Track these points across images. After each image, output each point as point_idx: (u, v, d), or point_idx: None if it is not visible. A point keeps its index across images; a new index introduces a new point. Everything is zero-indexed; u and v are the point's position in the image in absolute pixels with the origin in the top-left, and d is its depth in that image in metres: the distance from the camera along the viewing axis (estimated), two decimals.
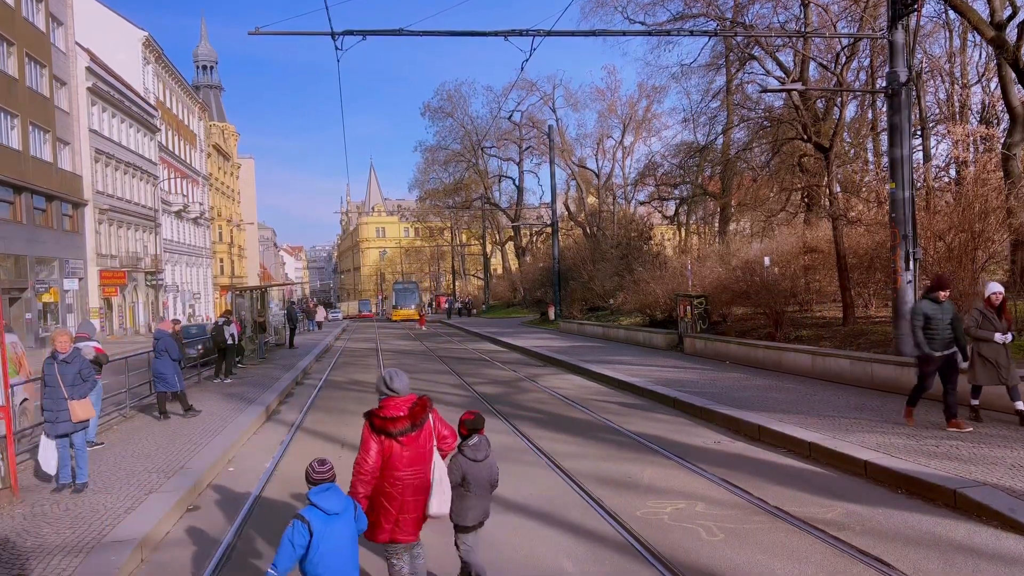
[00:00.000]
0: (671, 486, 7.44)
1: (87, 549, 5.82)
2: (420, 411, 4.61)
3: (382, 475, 4.48)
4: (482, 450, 4.91)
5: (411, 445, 4.49)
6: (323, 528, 3.92)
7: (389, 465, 4.47)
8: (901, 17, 11.55)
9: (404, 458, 4.47)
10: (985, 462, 7.21)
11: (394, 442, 4.47)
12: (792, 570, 5.18)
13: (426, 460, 4.57)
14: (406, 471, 4.48)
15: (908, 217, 11.57)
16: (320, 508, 3.98)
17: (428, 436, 4.62)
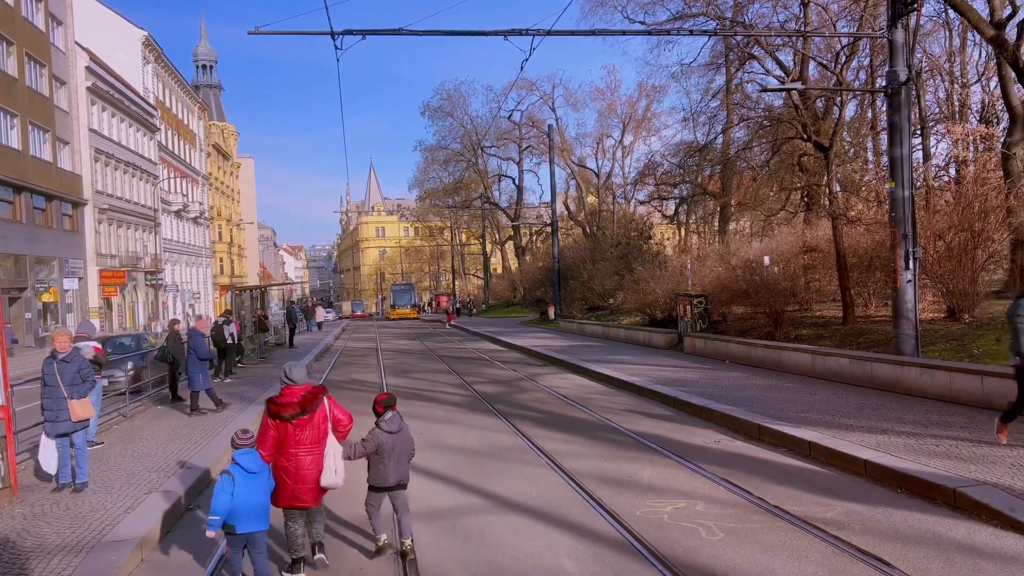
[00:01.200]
0: (671, 485, 7.44)
1: (87, 549, 5.82)
2: (311, 399, 5.38)
3: (280, 452, 5.30)
4: (395, 423, 5.77)
5: (304, 427, 5.32)
6: (243, 481, 4.97)
7: (285, 443, 5.30)
8: (901, 16, 11.55)
9: (298, 438, 5.31)
10: (985, 461, 7.22)
11: (288, 424, 5.28)
12: (792, 569, 5.18)
13: (320, 440, 5.41)
14: (300, 449, 5.31)
15: (908, 216, 11.57)
16: (241, 466, 5.01)
17: (323, 419, 5.43)
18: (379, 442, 5.68)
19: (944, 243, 13.81)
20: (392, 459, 5.70)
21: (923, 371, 10.66)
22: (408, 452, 5.90)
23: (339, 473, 5.48)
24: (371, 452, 5.69)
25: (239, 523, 4.97)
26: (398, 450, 5.75)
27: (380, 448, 5.69)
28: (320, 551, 5.60)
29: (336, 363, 22.61)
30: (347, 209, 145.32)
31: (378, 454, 5.70)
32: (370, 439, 5.69)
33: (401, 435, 5.80)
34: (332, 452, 5.47)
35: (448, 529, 6.37)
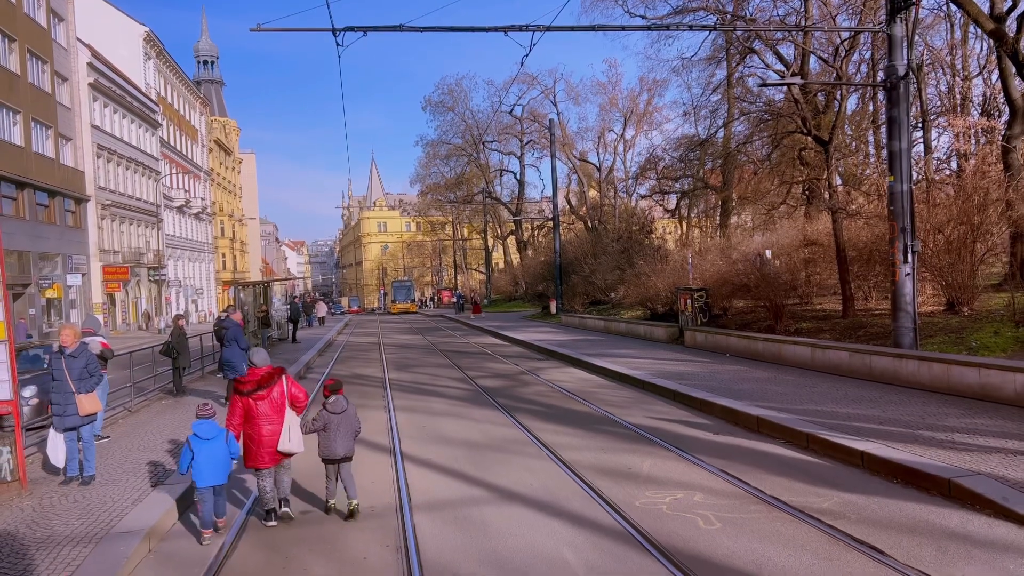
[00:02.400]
0: (670, 477, 7.54)
1: (96, 540, 5.93)
2: (268, 378, 6.50)
3: (247, 422, 6.44)
4: (340, 405, 6.66)
5: (264, 401, 6.43)
6: (199, 446, 6.18)
7: (249, 415, 6.43)
8: (900, 11, 11.58)
9: (259, 411, 6.41)
10: (980, 452, 7.30)
11: (250, 399, 6.41)
12: (788, 558, 5.28)
13: (279, 412, 6.47)
14: (262, 420, 6.40)
15: (906, 210, 11.62)
16: (196, 435, 6.22)
17: (280, 395, 6.52)
18: (325, 421, 6.60)
19: (943, 236, 13.87)
20: (338, 435, 6.56)
21: (921, 363, 10.74)
22: (352, 429, 6.71)
23: (294, 441, 6.49)
24: (319, 429, 6.59)
25: (200, 479, 6.12)
26: (343, 428, 6.60)
27: (327, 426, 6.57)
28: (285, 506, 6.59)
29: (339, 358, 22.71)
30: (349, 204, 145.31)
31: (325, 431, 6.57)
32: (318, 418, 6.62)
33: (345, 415, 6.64)
34: (289, 423, 6.49)
35: (450, 520, 6.47)
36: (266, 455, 6.42)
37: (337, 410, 6.63)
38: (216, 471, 6.21)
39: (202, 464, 6.14)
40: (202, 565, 5.61)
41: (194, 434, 6.24)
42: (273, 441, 6.41)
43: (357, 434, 6.80)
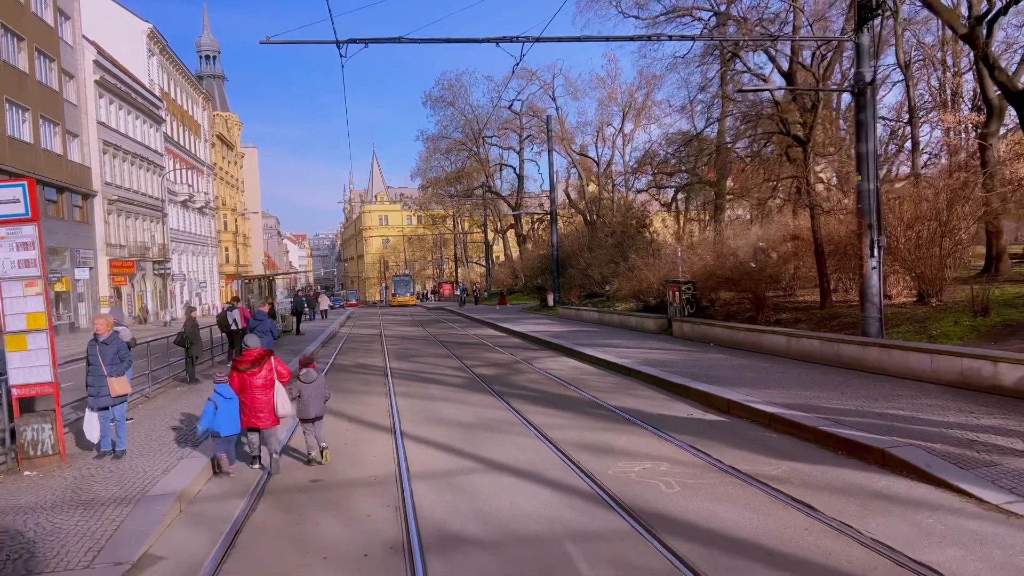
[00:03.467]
0: (642, 451, 8.39)
1: (134, 501, 6.80)
2: (260, 358, 8.11)
3: (242, 392, 7.99)
4: (310, 376, 8.38)
5: (257, 375, 8.01)
6: (222, 404, 7.80)
7: (245, 387, 8.00)
8: (866, 21, 12.36)
9: (252, 384, 7.99)
10: (919, 427, 8.14)
11: (245, 375, 7.99)
12: (733, 514, 6.13)
13: (268, 386, 8.06)
14: (255, 391, 7.98)
15: (873, 208, 12.43)
16: (220, 395, 7.86)
17: (269, 371, 8.11)
18: (300, 389, 8.27)
19: (914, 232, 14.66)
20: (310, 400, 8.26)
21: (882, 351, 11.58)
22: (321, 395, 8.43)
23: (284, 407, 8.09)
24: (296, 397, 8.22)
25: (223, 430, 7.78)
26: (314, 394, 8.31)
27: (301, 393, 8.24)
28: (275, 459, 8.11)
29: (342, 349, 23.57)
30: (350, 198, 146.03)
31: (301, 397, 8.23)
32: (293, 387, 8.29)
33: (315, 384, 8.37)
34: (279, 393, 8.11)
35: (444, 486, 7.32)
36: (257, 418, 7.98)
37: (308, 380, 8.33)
38: (233, 423, 7.89)
39: (223, 417, 7.76)
40: (228, 521, 6.47)
41: (218, 394, 7.85)
42: (264, 407, 7.98)
43: (326, 399, 8.58)
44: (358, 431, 10.26)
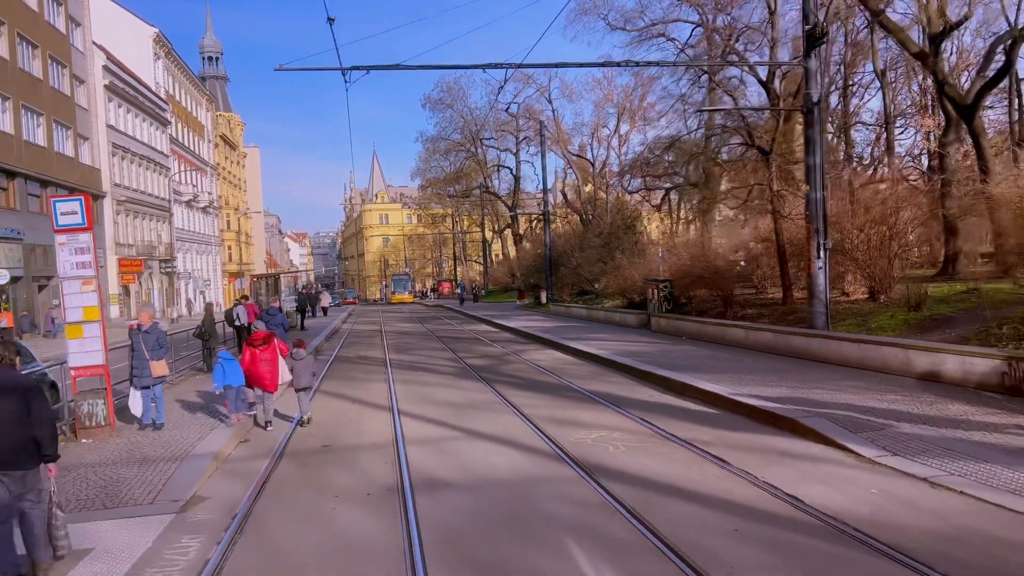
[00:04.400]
0: (600, 423, 9.91)
1: (179, 459, 8.33)
2: (267, 338, 10.53)
3: (252, 364, 10.27)
4: (300, 355, 10.67)
5: (265, 352, 10.32)
6: (226, 364, 10.06)
7: (255, 360, 10.29)
8: (813, 48, 13.85)
9: (260, 358, 10.30)
10: (833, 402, 9.66)
11: (256, 350, 10.31)
12: (662, 466, 7.65)
13: (272, 360, 10.36)
14: (262, 364, 10.27)
15: (820, 214, 13.93)
16: (223, 358, 10.11)
17: (274, 349, 10.43)
18: (291, 365, 10.59)
19: (865, 235, 16.16)
20: (301, 374, 10.56)
21: (823, 341, 13.11)
22: (309, 371, 10.82)
23: (284, 375, 10.49)
24: (290, 370, 10.56)
25: (231, 381, 10.09)
26: (304, 369, 10.64)
27: (293, 368, 10.57)
28: (270, 419, 10.57)
29: (344, 343, 25.12)
30: (351, 196, 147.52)
31: (292, 372, 10.54)
32: (287, 363, 10.60)
33: (304, 361, 10.69)
34: (281, 366, 10.46)
35: (433, 449, 8.85)
36: (263, 384, 10.36)
37: (299, 358, 10.65)
38: (238, 376, 10.19)
39: (229, 373, 10.07)
40: (256, 474, 7.99)
41: (222, 358, 10.23)
42: (269, 376, 10.31)
43: (315, 375, 11.62)
44: (361, 410, 11.80)
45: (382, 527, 6.15)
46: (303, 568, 5.39)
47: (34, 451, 5.16)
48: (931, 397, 9.73)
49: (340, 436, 9.81)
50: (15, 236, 33.52)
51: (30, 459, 5.17)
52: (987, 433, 7.86)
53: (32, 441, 5.09)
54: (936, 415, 8.79)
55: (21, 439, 5.05)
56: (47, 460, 5.26)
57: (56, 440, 5.26)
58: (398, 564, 5.33)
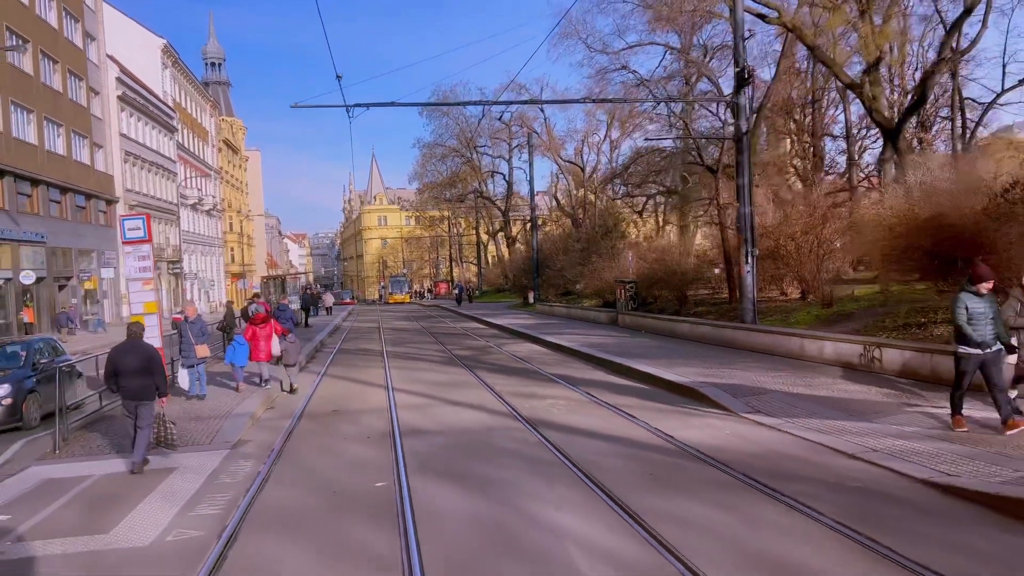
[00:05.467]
0: (552, 395, 12.53)
1: (224, 418, 10.96)
2: (265, 319, 13.86)
3: (253, 339, 13.55)
4: (291, 339, 14.02)
5: (264, 329, 13.60)
6: (238, 347, 13.70)
7: (256, 336, 13.59)
8: (742, 88, 16.48)
9: (260, 334, 13.55)
10: (738, 377, 12.27)
11: (257, 328, 13.61)
12: (588, 421, 10.23)
13: (270, 336, 13.59)
14: (261, 338, 13.53)
15: (748, 226, 16.54)
16: (237, 342, 13.81)
17: (270, 328, 13.69)
18: (284, 347, 13.73)
19: (796, 243, 18.79)
20: (289, 352, 13.78)
21: (746, 333, 15.75)
22: (297, 352, 14.21)
23: (276, 349, 13.59)
24: (283, 350, 13.74)
25: (237, 360, 13.46)
26: (293, 351, 13.94)
27: (285, 349, 13.75)
28: (267, 383, 13.87)
29: (346, 337, 27.76)
30: (350, 198, 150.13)
31: (284, 351, 13.70)
32: (281, 345, 13.71)
33: (294, 344, 14.04)
34: (274, 341, 13.58)
35: (418, 412, 11.45)
36: (261, 355, 13.55)
37: (290, 341, 14.01)
38: (243, 358, 13.53)
39: (238, 353, 13.50)
40: (283, 428, 10.59)
41: (236, 341, 13.70)
42: (265, 348, 13.51)
43: (300, 352, 14.87)
44: (363, 388, 14.43)
45: (378, 454, 8.77)
46: (324, 475, 8.01)
47: (153, 391, 7.93)
48: (809, 374, 12.37)
49: (346, 404, 12.44)
50: (39, 239, 36.05)
51: (151, 395, 8.01)
52: (829, 395, 10.48)
53: (152, 384, 7.82)
54: (804, 385, 11.42)
55: (146, 383, 7.79)
56: (160, 395, 8.24)
57: (165, 382, 8.01)
58: (390, 473, 7.93)
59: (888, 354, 11.37)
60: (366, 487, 7.43)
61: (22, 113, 34.79)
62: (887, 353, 11.39)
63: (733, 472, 7.27)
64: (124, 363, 8.12)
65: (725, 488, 6.83)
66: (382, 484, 7.48)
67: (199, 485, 7.69)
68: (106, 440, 10.06)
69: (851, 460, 7.43)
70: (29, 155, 35.03)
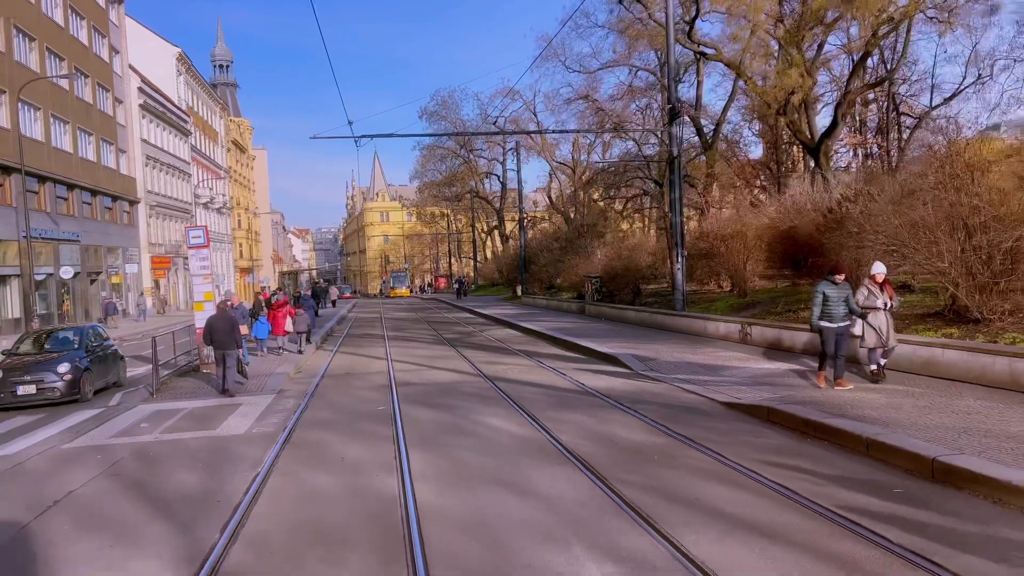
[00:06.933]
0: (513, 363, 16.50)
1: (267, 376, 14.98)
2: (283, 304, 20.00)
3: (273, 317, 19.55)
4: (301, 314, 20.51)
5: (281, 310, 19.59)
6: (260, 324, 19.22)
7: (276, 316, 19.54)
8: (673, 120, 20.40)
9: (279, 313, 19.54)
10: (650, 349, 16.22)
11: (276, 311, 19.59)
12: (532, 377, 14.18)
13: (285, 316, 19.58)
14: (280, 317, 19.46)
15: (678, 232, 20.45)
16: (261, 321, 19.42)
17: (285, 311, 19.64)
18: (295, 320, 19.76)
19: (726, 245, 22.70)
20: (299, 323, 20.00)
21: (673, 318, 19.71)
22: (306, 323, 20.61)
23: (290, 326, 19.57)
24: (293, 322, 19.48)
25: (259, 334, 18.99)
26: (301, 321, 20.23)
27: (295, 321, 19.79)
28: (282, 351, 19.37)
29: (353, 325, 31.82)
30: (353, 194, 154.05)
31: (295, 323, 19.65)
32: (291, 320, 19.60)
33: (301, 316, 20.28)
34: (288, 320, 19.38)
35: (410, 374, 15.42)
36: (280, 329, 18.84)
37: (299, 316, 19.87)
38: (263, 332, 18.77)
39: (259, 329, 18.64)
40: (311, 382, 14.57)
41: (260, 319, 18.81)
42: (282, 324, 18.97)
43: (309, 325, 21.17)
44: (368, 360, 18.43)
45: (380, 396, 12.77)
46: (344, 405, 11.99)
47: (234, 344, 12.06)
48: (702, 346, 16.34)
49: (356, 369, 16.45)
50: (74, 238, 40.04)
51: (233, 346, 12.12)
52: (706, 360, 14.42)
53: (233, 339, 11.97)
54: (692, 353, 15.37)
55: (230, 338, 11.90)
56: (238, 346, 12.37)
57: (241, 338, 12.20)
58: (388, 404, 11.89)
59: (756, 330, 15.34)
60: (372, 410, 11.44)
61: (59, 124, 38.77)
62: (755, 330, 15.36)
63: (609, 400, 11.25)
64: (216, 326, 12.60)
65: (598, 407, 10.81)
66: (383, 408, 11.49)
67: (261, 411, 11.70)
68: (180, 392, 14.08)
69: (688, 394, 11.40)
70: (65, 162, 39.01)
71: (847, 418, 8.41)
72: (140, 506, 6.91)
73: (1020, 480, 5.80)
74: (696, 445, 8.15)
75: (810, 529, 5.47)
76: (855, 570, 4.73)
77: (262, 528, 6.07)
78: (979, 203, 10.83)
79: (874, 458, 7.24)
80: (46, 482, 8.00)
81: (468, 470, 7.64)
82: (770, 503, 6.12)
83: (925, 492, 6.22)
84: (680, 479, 6.90)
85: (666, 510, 5.99)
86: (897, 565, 4.78)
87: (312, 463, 8.21)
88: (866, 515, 5.64)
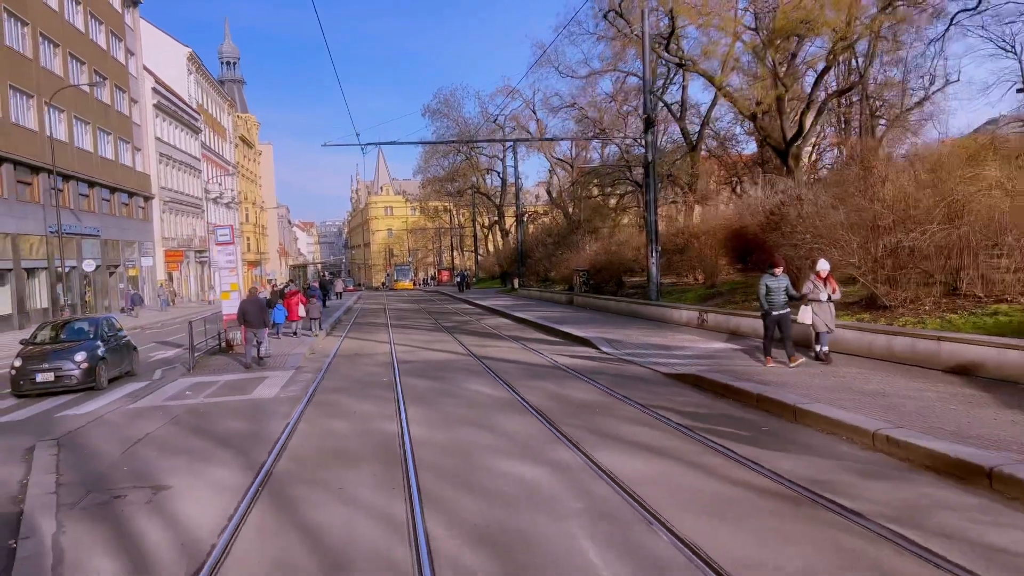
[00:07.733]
0: (501, 345, 18.79)
1: (286, 356, 17.32)
2: (294, 293, 23.64)
3: (288, 305, 22.85)
4: (313, 303, 24.27)
5: (293, 299, 23.09)
6: (279, 310, 22.24)
7: (290, 304, 22.99)
8: (649, 128, 22.59)
9: (292, 301, 23.00)
10: (624, 334, 18.48)
11: (290, 299, 22.99)
12: (515, 356, 16.47)
13: (297, 304, 23.15)
14: (293, 305, 22.92)
15: (653, 230, 22.69)
16: (278, 308, 21.91)
17: (297, 299, 23.22)
18: (307, 309, 22.99)
19: (699, 242, 24.95)
20: (312, 311, 23.65)
21: (646, 307, 21.98)
22: (316, 308, 23.83)
23: (303, 312, 23.04)
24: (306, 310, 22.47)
25: (277, 319, 21.70)
26: (314, 309, 23.86)
27: (308, 309, 22.91)
28: (296, 334, 22.37)
29: (359, 315, 34.16)
30: (357, 188, 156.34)
31: (307, 311, 22.80)
32: (303, 308, 22.76)
33: (313, 305, 23.80)
34: (300, 308, 22.78)
35: (410, 354, 17.73)
36: (294, 315, 22.08)
37: (311, 304, 22.71)
38: (280, 317, 21.79)
39: (279, 316, 21.50)
40: (325, 361, 16.88)
41: (277, 308, 20.96)
42: (295, 311, 22.28)
43: (320, 312, 24.36)
44: (374, 343, 20.77)
45: (384, 370, 15.09)
46: (354, 376, 14.30)
47: (263, 323, 14.44)
48: (666, 331, 18.61)
49: (363, 351, 18.77)
50: (95, 233, 42.39)
51: (263, 326, 14.52)
52: (665, 342, 16.69)
53: (263, 320, 14.36)
54: (656, 336, 17.63)
55: (261, 319, 14.30)
56: (266, 325, 14.74)
57: (270, 318, 14.61)
58: (391, 376, 14.19)
59: (711, 317, 17.63)
60: (378, 379, 13.78)
61: (81, 126, 41.08)
62: (711, 316, 17.65)
63: (573, 372, 13.57)
64: (249, 309, 15.28)
65: (564, 377, 13.12)
66: (386, 379, 13.82)
67: (284, 381, 14.03)
68: (213, 369, 16.41)
69: (640, 368, 13.69)
70: (87, 161, 41.35)
71: (752, 382, 10.68)
72: (204, 441, 9.24)
73: (841, 416, 8.09)
74: (630, 402, 10.44)
75: (687, 450, 7.76)
76: (703, 470, 7.01)
77: (298, 452, 8.39)
78: (881, 208, 13.04)
79: (761, 409, 9.52)
80: (126, 428, 10.34)
81: (452, 418, 9.95)
82: (667, 435, 8.42)
83: (782, 427, 8.51)
84: (609, 423, 9.19)
85: (591, 439, 8.28)
86: (733, 466, 7.07)
87: (331, 415, 10.54)
88: (732, 441, 7.92)
